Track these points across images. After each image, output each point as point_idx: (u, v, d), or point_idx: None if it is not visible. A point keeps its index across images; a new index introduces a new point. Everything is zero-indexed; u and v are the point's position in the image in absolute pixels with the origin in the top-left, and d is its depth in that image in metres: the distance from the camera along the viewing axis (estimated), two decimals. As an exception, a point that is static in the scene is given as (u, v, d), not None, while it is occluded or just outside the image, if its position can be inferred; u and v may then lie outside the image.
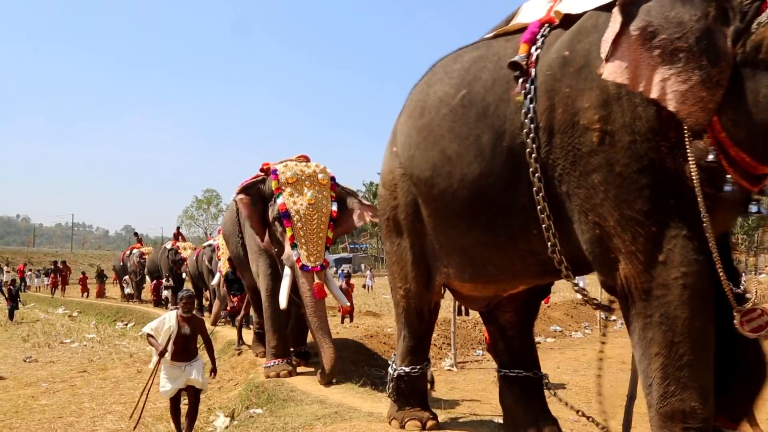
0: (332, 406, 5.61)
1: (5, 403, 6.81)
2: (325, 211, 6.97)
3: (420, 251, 3.92)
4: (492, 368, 9.04)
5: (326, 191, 7.15)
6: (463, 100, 3.20)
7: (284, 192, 6.96)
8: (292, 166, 7.16)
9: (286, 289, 6.80)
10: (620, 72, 2.42)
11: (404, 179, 3.80)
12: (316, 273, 6.70)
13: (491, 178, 3.09)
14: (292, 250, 6.74)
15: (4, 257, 47.91)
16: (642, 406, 5.85)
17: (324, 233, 6.94)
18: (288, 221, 6.81)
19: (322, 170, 7.27)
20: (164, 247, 18.22)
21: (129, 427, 5.58)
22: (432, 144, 3.40)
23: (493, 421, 5.22)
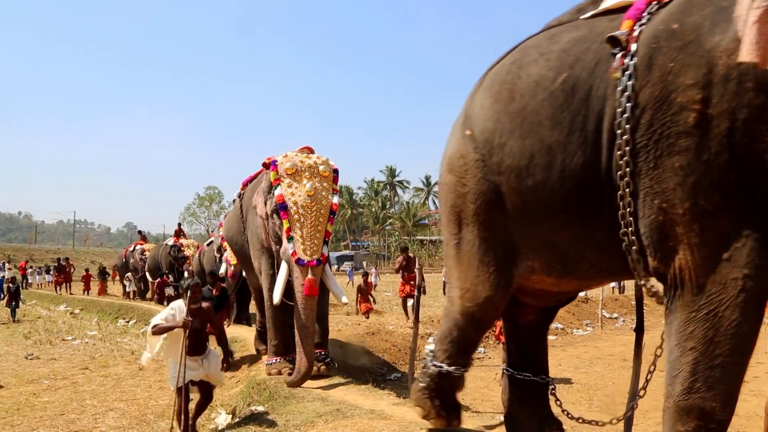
0: (334, 403, 5.62)
1: (7, 400, 6.82)
2: (324, 203, 6.70)
3: (492, 245, 3.55)
4: (493, 366, 9.08)
5: (327, 183, 6.88)
6: (565, 84, 2.96)
7: (282, 183, 6.73)
8: (291, 157, 6.94)
9: (281, 284, 6.59)
10: (751, 49, 2.24)
11: (480, 166, 3.46)
12: (312, 268, 6.39)
13: (596, 168, 2.83)
14: (288, 244, 6.51)
15: (6, 254, 48.02)
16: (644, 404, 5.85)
17: (323, 226, 6.66)
18: (285, 213, 6.56)
19: (324, 162, 7.00)
20: (165, 243, 18.04)
21: (131, 423, 5.58)
22: (528, 132, 3.12)
23: (494, 418, 5.22)
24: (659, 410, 6.26)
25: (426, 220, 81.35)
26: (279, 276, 6.68)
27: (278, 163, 6.84)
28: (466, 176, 3.57)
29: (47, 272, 35.43)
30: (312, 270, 6.37)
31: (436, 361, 4.01)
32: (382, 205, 73.42)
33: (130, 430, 5.34)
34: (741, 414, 6.10)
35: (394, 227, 76.95)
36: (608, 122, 2.73)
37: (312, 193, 6.64)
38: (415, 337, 6.71)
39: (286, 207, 6.56)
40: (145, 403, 6.40)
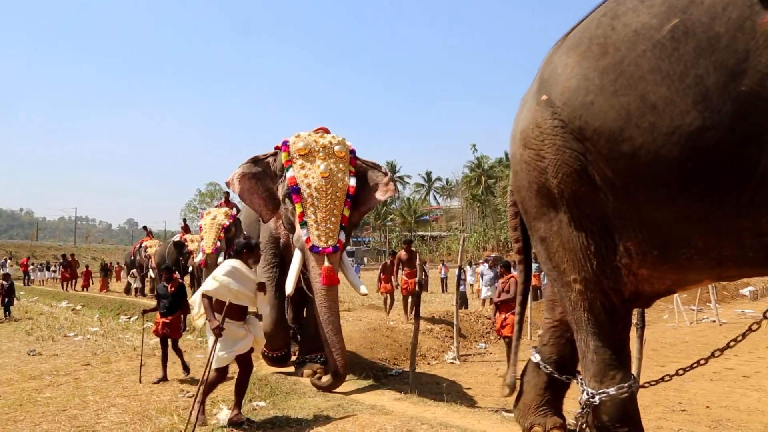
0: (335, 398, 5.63)
1: (9, 396, 6.83)
2: (341, 185, 6.14)
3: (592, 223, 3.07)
4: (494, 361, 9.09)
5: (343, 164, 6.31)
6: (675, 31, 2.55)
7: (294, 165, 6.19)
8: (304, 137, 6.37)
9: (294, 274, 6.08)
10: None
11: (559, 133, 3.04)
12: (328, 255, 5.89)
13: (717, 132, 2.43)
14: (302, 229, 6.00)
15: (8, 251, 48.06)
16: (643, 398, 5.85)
17: (339, 210, 6.08)
18: (297, 196, 6.05)
19: (340, 142, 6.44)
20: (172, 240, 17.93)
21: (133, 419, 5.59)
22: (625, 88, 2.71)
23: (496, 413, 5.23)
24: (660, 405, 6.29)
25: (427, 216, 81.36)
26: (292, 265, 6.19)
27: (290, 143, 6.34)
28: (544, 147, 3.13)
29: (48, 269, 35.49)
30: (328, 257, 5.88)
31: (588, 390, 3.35)
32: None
33: (132, 425, 5.35)
34: (742, 409, 6.10)
35: (395, 223, 76.92)
36: (750, 82, 2.33)
37: (326, 174, 6.09)
38: (416, 333, 6.71)
39: (299, 190, 6.06)
40: (147, 399, 6.41)
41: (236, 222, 13.55)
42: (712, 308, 14.50)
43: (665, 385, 7.19)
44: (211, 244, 13.32)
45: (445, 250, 71.14)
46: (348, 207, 6.21)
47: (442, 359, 9.06)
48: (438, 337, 9.91)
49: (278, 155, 6.54)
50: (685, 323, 13.49)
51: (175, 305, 7.47)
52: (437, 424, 4.62)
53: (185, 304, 7.42)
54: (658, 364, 8.60)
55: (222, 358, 4.90)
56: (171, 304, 7.43)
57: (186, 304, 7.34)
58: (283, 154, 6.31)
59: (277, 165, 6.53)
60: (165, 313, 7.47)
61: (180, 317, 7.59)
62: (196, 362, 8.62)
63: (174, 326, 7.50)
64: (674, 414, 5.93)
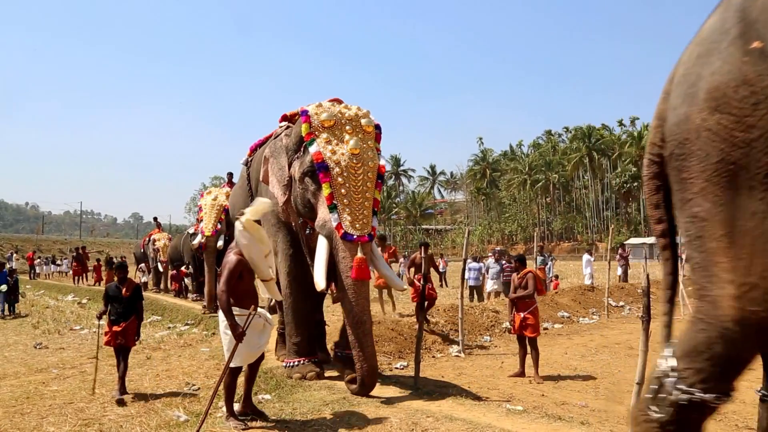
0: (340, 392, 5.63)
1: (16, 389, 6.87)
2: (371, 165, 5.43)
3: None
4: (499, 354, 9.09)
5: (371, 141, 5.61)
6: None
7: (319, 138, 5.42)
8: (327, 107, 5.64)
9: (323, 265, 5.30)
10: None
11: None
12: (362, 244, 5.18)
13: None
14: (331, 214, 5.25)
15: (14, 244, 48.28)
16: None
17: (371, 193, 5.40)
18: (325, 175, 5.27)
19: (366, 115, 5.72)
20: (187, 232, 17.21)
21: (139, 412, 5.61)
22: None
23: (501, 406, 5.23)
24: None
25: (431, 210, 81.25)
26: (318, 255, 5.39)
27: (311, 113, 5.56)
28: (755, 114, 2.40)
29: (53, 263, 35.63)
30: (362, 247, 5.18)
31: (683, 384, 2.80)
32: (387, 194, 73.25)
33: (138, 418, 5.37)
34: (747, 401, 6.08)
35: (399, 216, 76.90)
36: None
37: (357, 151, 5.34)
38: (420, 326, 6.70)
39: (327, 167, 5.27)
40: (153, 392, 6.43)
41: None
42: (717, 301, 14.43)
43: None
44: (211, 227, 12.55)
45: (450, 243, 71.13)
46: (379, 189, 5.57)
47: (447, 352, 9.06)
48: (443, 330, 9.91)
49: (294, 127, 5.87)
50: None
51: (129, 310, 6.35)
52: (442, 417, 4.63)
53: (140, 310, 6.51)
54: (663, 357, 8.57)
55: (246, 356, 4.70)
56: (125, 309, 6.31)
57: (141, 309, 6.52)
58: (303, 126, 5.52)
59: (292, 138, 5.80)
60: (117, 320, 6.31)
61: (135, 324, 6.41)
62: (201, 356, 8.64)
63: (129, 334, 6.35)
64: (680, 407, 5.91)
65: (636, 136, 65.46)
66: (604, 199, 70.20)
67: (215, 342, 10.01)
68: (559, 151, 75.57)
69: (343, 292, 5.25)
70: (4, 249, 44.78)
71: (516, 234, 75.72)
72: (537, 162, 73.61)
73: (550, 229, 73.51)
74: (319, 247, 5.39)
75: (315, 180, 5.38)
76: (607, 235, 47.00)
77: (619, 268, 18.68)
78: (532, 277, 7.54)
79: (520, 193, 75.16)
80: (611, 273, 14.94)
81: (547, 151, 76.79)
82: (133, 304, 6.38)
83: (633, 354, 8.11)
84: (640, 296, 15.15)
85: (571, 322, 12.55)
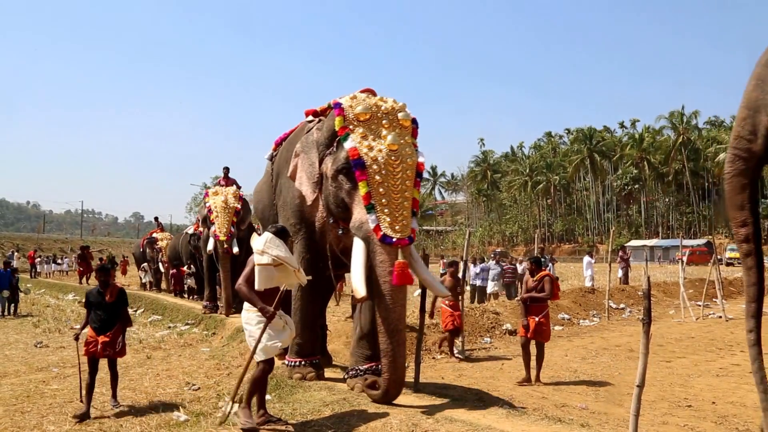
0: (340, 392, 5.63)
1: (17, 387, 6.87)
2: (410, 162, 5.12)
3: None
4: (499, 356, 9.08)
5: (408, 136, 5.31)
6: None
7: (354, 133, 5.11)
8: (362, 99, 5.32)
9: (362, 270, 4.94)
10: None
11: None
12: (402, 248, 4.88)
13: None
14: (368, 215, 4.93)
15: (15, 243, 48.31)
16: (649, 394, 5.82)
17: (410, 192, 5.10)
18: (362, 172, 4.95)
19: (402, 108, 5.38)
20: (185, 232, 16.93)
21: (139, 412, 5.61)
22: None
23: (500, 408, 5.22)
24: (665, 400, 6.27)
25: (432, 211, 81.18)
26: (355, 259, 5.04)
27: (344, 106, 5.26)
28: None
29: (54, 262, 35.67)
30: (402, 251, 4.87)
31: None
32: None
33: (138, 417, 5.37)
34: (749, 405, 6.08)
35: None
36: None
37: (396, 147, 5.03)
38: (421, 328, 6.69)
39: (364, 164, 4.96)
40: (153, 392, 6.44)
41: (245, 204, 12.84)
42: (718, 304, 14.45)
43: (671, 380, 7.22)
44: (226, 231, 12.18)
45: (451, 244, 71.09)
46: (418, 189, 5.24)
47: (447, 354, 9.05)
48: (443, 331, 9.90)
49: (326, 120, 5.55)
50: (691, 319, 13.45)
51: (114, 318, 5.72)
52: (442, 419, 4.62)
53: (126, 317, 5.94)
54: (663, 360, 8.59)
55: (272, 348, 4.65)
56: (109, 316, 5.68)
57: (127, 315, 5.98)
58: (336, 119, 5.21)
59: (324, 132, 5.48)
60: (100, 329, 5.65)
61: (120, 333, 5.79)
62: (201, 356, 8.65)
63: (115, 344, 5.75)
64: (680, 410, 5.91)
65: (637, 138, 65.41)
66: (605, 201, 70.15)
67: (215, 342, 10.02)
68: (560, 152, 75.54)
69: (379, 298, 4.89)
70: (5, 248, 44.82)
71: (517, 236, 75.68)
72: (538, 164, 73.59)
73: (551, 231, 73.46)
74: (356, 251, 5.03)
75: (350, 178, 5.06)
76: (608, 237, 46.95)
77: (620, 270, 18.68)
78: (549, 280, 7.26)
79: (521, 194, 75.12)
80: (612, 275, 14.94)
81: (547, 153, 76.76)
82: (117, 311, 5.75)
83: (633, 357, 8.11)
84: (640, 298, 15.15)
85: (571, 324, 12.55)
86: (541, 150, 79.82)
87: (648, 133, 65.65)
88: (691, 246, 42.31)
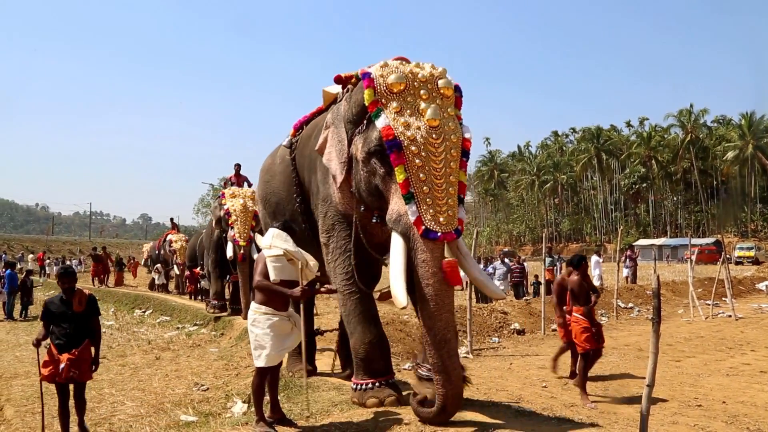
0: (349, 392, 5.63)
1: (27, 388, 6.92)
2: (454, 139, 4.24)
3: None
4: (507, 355, 9.07)
5: (451, 108, 4.40)
6: None
7: (387, 108, 4.27)
8: (395, 67, 4.44)
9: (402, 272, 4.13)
10: None
11: None
12: (449, 243, 4.14)
13: None
14: (407, 205, 4.12)
15: (24, 245, 48.61)
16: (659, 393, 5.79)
17: (456, 176, 4.24)
18: (398, 155, 4.13)
19: (442, 74, 4.45)
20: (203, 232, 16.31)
21: (148, 412, 5.64)
22: None
23: (510, 408, 5.21)
24: (675, 400, 6.24)
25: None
26: (394, 259, 4.23)
27: (374, 75, 4.38)
28: None
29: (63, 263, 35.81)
30: (449, 246, 4.17)
31: None
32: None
33: (147, 418, 5.40)
34: (759, 404, 6.04)
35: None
36: None
37: (437, 123, 4.17)
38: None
39: (400, 146, 4.13)
40: (162, 392, 6.46)
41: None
42: (727, 303, 14.36)
43: (681, 380, 7.18)
44: (246, 236, 11.81)
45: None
46: (464, 170, 4.39)
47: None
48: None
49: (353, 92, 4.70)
50: (700, 318, 13.37)
51: (82, 331, 4.78)
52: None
53: (97, 329, 5.01)
54: (673, 359, 8.54)
55: (273, 357, 4.44)
56: (76, 330, 4.75)
57: (99, 328, 5.04)
58: (366, 92, 4.37)
59: (351, 106, 4.64)
60: (66, 346, 4.72)
61: (90, 349, 4.83)
62: (210, 356, 8.67)
63: (82, 364, 4.74)
64: (690, 409, 5.88)
65: (645, 136, 65.11)
66: (612, 200, 69.88)
67: (224, 342, 10.05)
68: (567, 152, 75.32)
69: (422, 303, 4.13)
70: (15, 249, 45.12)
71: (524, 235, 75.48)
72: (545, 163, 73.39)
73: (559, 231, 73.25)
74: (395, 249, 4.23)
75: (385, 162, 4.25)
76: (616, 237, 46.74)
77: (625, 270, 18.58)
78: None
79: (528, 194, 74.94)
80: (619, 274, 14.88)
81: (554, 152, 76.54)
82: (86, 323, 4.83)
83: (642, 356, 8.08)
84: (649, 298, 15.09)
85: (579, 323, 12.50)
86: (548, 149, 79.60)
87: (656, 132, 65.37)
88: (699, 245, 42.08)
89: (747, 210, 57.22)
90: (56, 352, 4.71)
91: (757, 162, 56.07)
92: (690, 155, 60.76)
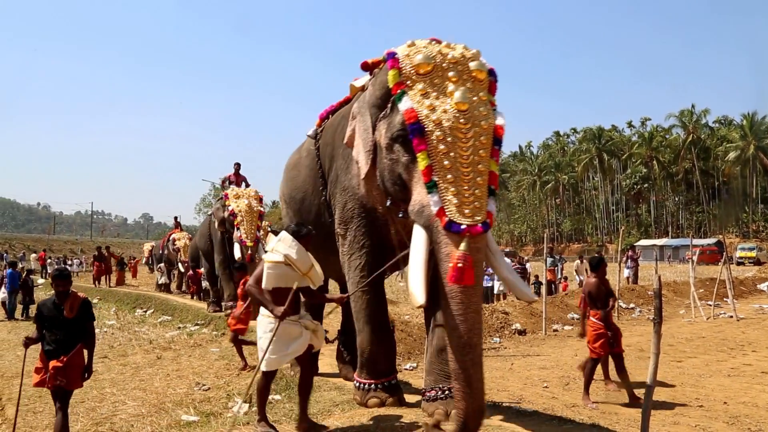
0: (350, 392, 5.63)
1: (29, 388, 6.91)
2: (485, 125, 3.90)
3: None
4: (508, 356, 9.06)
5: (483, 92, 4.06)
6: None
7: (412, 90, 3.98)
8: (422, 47, 4.14)
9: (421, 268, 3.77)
10: None
11: None
12: (474, 237, 3.65)
13: None
14: (430, 195, 3.77)
15: (25, 244, 48.67)
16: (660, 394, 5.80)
17: (485, 164, 3.87)
18: (421, 141, 3.82)
19: (475, 56, 4.13)
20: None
21: (149, 411, 5.64)
22: None
23: (511, 408, 5.21)
24: (677, 401, 6.23)
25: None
26: (414, 253, 3.87)
27: (400, 56, 4.10)
28: None
29: (64, 263, 35.85)
30: (473, 241, 3.66)
31: None
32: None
33: (149, 418, 5.40)
34: (761, 405, 6.04)
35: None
36: None
37: (465, 107, 3.84)
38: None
39: (423, 130, 3.82)
40: (164, 392, 6.47)
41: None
42: (729, 303, 14.35)
43: (682, 380, 7.17)
44: (253, 236, 11.85)
45: (459, 244, 70.93)
46: (496, 160, 4.03)
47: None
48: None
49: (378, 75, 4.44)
50: (701, 318, 13.36)
51: (74, 337, 4.56)
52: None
53: (92, 334, 4.76)
54: (674, 360, 8.53)
55: (273, 361, 4.38)
56: (67, 335, 4.54)
57: (93, 333, 4.78)
58: (390, 73, 4.09)
59: (376, 89, 4.37)
60: (55, 352, 4.53)
61: (82, 356, 4.62)
62: (211, 356, 8.67)
63: (72, 372, 4.54)
64: (691, 410, 5.88)
65: (646, 136, 65.07)
66: (614, 201, 69.84)
67: (225, 342, 10.04)
68: (569, 152, 75.29)
69: (444, 302, 3.71)
70: (16, 249, 45.17)
71: (525, 235, 75.43)
72: (546, 163, 73.37)
73: (560, 231, 73.22)
74: (416, 243, 3.87)
75: (407, 148, 3.94)
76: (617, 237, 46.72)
77: (627, 270, 18.56)
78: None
79: (530, 194, 74.91)
80: (621, 275, 14.86)
81: (556, 152, 76.51)
82: (79, 329, 4.60)
83: (644, 356, 8.06)
84: (650, 298, 15.06)
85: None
86: (549, 149, 79.57)
87: (657, 132, 65.31)
88: (701, 245, 42.04)
89: (748, 210, 57.20)
90: (45, 358, 4.58)
91: (758, 163, 56.03)
92: (691, 156, 60.71)
